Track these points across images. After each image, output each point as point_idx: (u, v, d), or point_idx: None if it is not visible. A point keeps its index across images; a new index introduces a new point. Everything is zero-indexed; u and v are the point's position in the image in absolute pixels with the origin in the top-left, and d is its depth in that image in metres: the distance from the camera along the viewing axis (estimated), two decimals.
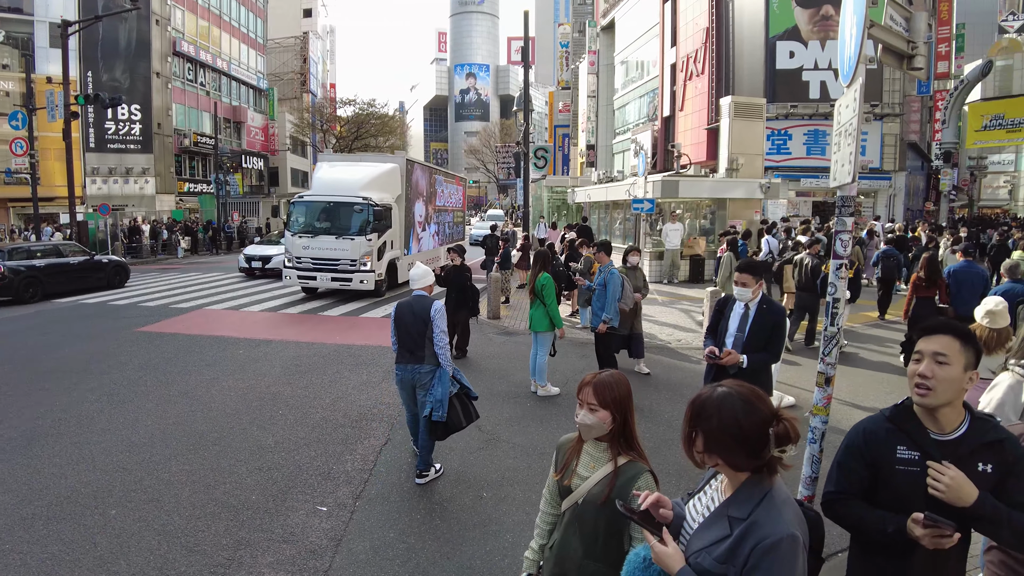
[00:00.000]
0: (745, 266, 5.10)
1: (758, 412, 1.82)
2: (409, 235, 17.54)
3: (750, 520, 1.77)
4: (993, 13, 62.37)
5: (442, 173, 22.57)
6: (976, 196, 65.12)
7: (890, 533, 2.15)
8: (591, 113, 49.17)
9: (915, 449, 2.19)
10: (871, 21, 3.47)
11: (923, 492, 2.13)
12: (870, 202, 31.10)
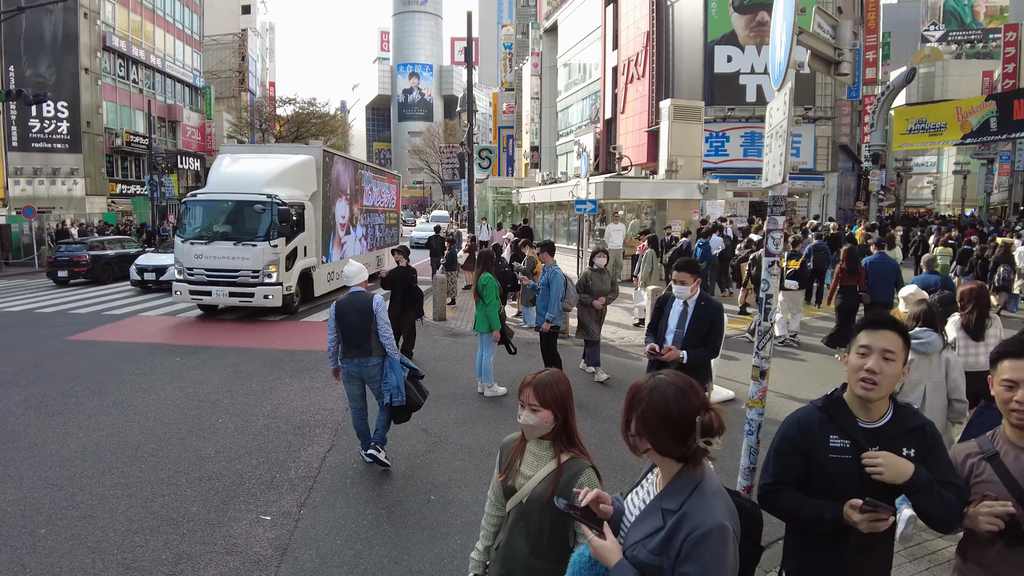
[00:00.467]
0: (683, 265, 5.24)
1: (687, 399, 1.86)
2: (329, 239, 15.46)
3: (682, 511, 1.81)
4: (916, 23, 65.54)
5: (371, 169, 20.45)
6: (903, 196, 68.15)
7: (828, 521, 2.22)
8: (535, 115, 49.47)
9: (846, 438, 2.28)
10: (800, 28, 3.60)
11: (854, 478, 2.22)
12: (804, 202, 32.17)
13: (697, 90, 30.10)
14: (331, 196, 15.45)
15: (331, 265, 15.57)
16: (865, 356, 2.25)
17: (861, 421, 2.30)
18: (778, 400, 7.59)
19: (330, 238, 15.53)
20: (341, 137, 62.25)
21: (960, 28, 64.59)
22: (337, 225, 16.04)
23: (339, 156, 16.64)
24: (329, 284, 15.56)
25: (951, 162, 64.66)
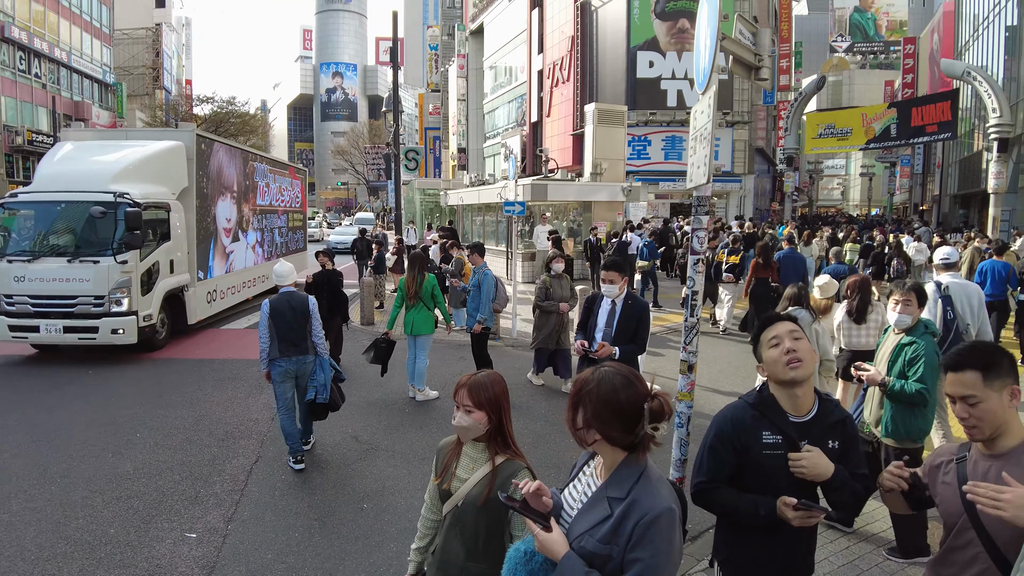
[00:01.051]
0: (611, 264, 5.45)
1: (634, 388, 1.91)
2: (208, 249, 12.22)
3: (630, 499, 1.84)
4: (825, 34, 68.90)
5: (268, 161, 16.82)
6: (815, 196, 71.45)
7: (762, 516, 2.32)
8: (461, 116, 49.38)
9: (778, 433, 2.37)
10: (723, 34, 3.73)
11: (787, 472, 2.32)
12: (723, 203, 33.25)
13: (620, 94, 30.70)
14: (210, 193, 12.28)
15: (212, 282, 12.40)
16: (778, 344, 2.38)
17: (791, 416, 2.40)
18: (703, 393, 7.85)
19: (210, 247, 12.31)
20: (262, 137, 60.54)
21: (864, 40, 68.28)
22: (220, 231, 12.82)
23: (221, 143, 13.29)
24: (211, 306, 12.42)
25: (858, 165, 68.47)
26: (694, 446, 3.78)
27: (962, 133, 34.48)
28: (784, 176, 35.23)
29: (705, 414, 7.22)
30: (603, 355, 5.14)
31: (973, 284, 6.26)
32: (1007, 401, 1.99)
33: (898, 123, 30.79)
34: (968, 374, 2.03)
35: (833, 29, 68.17)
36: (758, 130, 35.71)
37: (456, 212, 27.52)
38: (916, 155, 49.65)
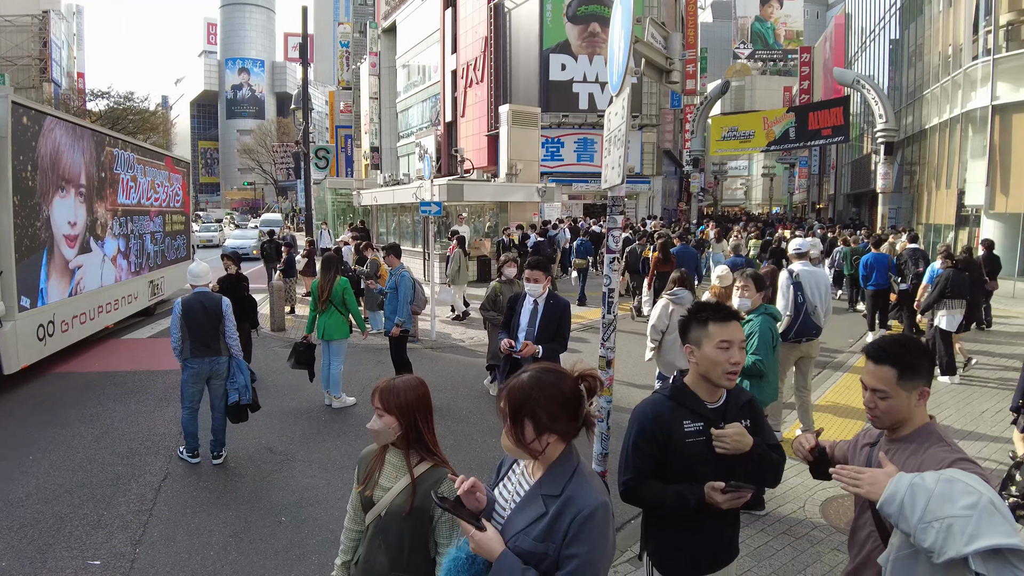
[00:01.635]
0: (536, 264, 5.54)
1: (565, 376, 1.95)
2: (39, 265, 8.84)
3: (565, 496, 1.85)
4: (728, 41, 71.81)
5: (133, 148, 12.99)
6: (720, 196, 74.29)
7: (692, 505, 2.38)
8: (374, 115, 48.65)
9: (698, 420, 2.45)
10: (636, 37, 3.81)
11: (710, 458, 2.41)
12: (633, 203, 34.12)
13: (534, 96, 31.03)
14: (41, 188, 8.94)
15: (46, 311, 9.01)
16: (727, 349, 2.43)
17: (708, 403, 2.49)
18: (620, 388, 8.02)
19: (41, 263, 8.92)
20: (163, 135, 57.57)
21: (765, 48, 71.50)
22: (59, 239, 9.47)
23: (59, 119, 9.75)
24: (44, 344, 9.01)
25: (760, 166, 71.67)
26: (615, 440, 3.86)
27: (853, 137, 36.70)
28: (691, 177, 36.51)
29: (623, 408, 7.39)
30: (527, 354, 5.24)
31: (821, 271, 6.98)
32: (915, 400, 2.10)
33: (796, 127, 32.42)
34: (885, 369, 2.10)
35: (736, 36, 71.14)
36: (666, 133, 36.86)
37: (370, 212, 27.06)
38: (813, 157, 52.54)
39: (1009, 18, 18.08)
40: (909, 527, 1.73)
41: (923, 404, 2.12)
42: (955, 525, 1.63)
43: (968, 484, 1.69)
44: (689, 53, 37.01)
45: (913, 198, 26.72)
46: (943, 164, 22.34)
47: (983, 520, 1.61)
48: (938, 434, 2.09)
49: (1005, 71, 17.77)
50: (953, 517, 1.64)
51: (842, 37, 44.14)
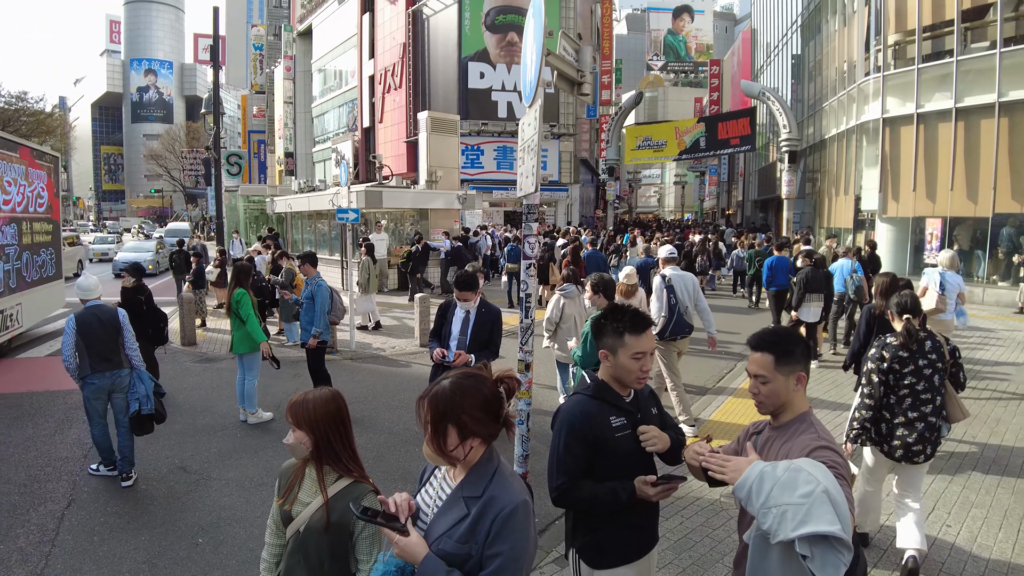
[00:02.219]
0: (463, 284, 5.50)
1: (484, 379, 2.00)
2: None
3: (486, 496, 1.88)
4: (642, 53, 74.01)
5: None
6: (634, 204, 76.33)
7: (624, 501, 2.45)
8: (288, 120, 47.55)
9: (622, 415, 2.55)
10: (548, 50, 3.90)
11: (637, 451, 2.53)
12: (552, 211, 34.60)
13: (453, 104, 31.05)
14: None
15: None
16: (640, 359, 2.52)
17: (624, 397, 2.61)
18: (540, 391, 8.14)
19: None
20: (61, 139, 54.42)
21: (676, 60, 74.08)
22: None
23: None
24: None
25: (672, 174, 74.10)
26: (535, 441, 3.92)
27: (760, 146, 38.46)
28: (607, 185, 37.37)
29: (544, 411, 7.49)
30: (460, 364, 5.23)
31: (688, 274, 7.64)
32: (792, 385, 2.27)
33: (706, 136, 33.69)
34: (764, 355, 2.28)
35: (649, 49, 73.44)
36: (582, 142, 37.58)
37: (284, 220, 26.38)
38: (722, 165, 54.69)
39: (896, 39, 19.41)
40: (754, 511, 1.87)
41: (801, 389, 2.29)
42: (788, 512, 1.76)
43: (811, 474, 1.82)
44: (604, 64, 37.97)
45: (815, 203, 28.22)
46: (841, 172, 23.74)
47: (813, 508, 1.74)
48: (810, 422, 2.26)
49: (893, 87, 19.06)
50: (788, 504, 1.78)
51: (749, 51, 46.21)
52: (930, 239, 17.63)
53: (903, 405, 4.15)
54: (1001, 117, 16.20)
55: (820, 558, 1.72)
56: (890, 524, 4.72)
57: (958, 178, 17.26)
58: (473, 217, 25.13)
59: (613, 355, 2.56)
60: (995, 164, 16.30)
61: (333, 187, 20.06)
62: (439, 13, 32.64)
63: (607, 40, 39.05)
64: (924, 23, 18.22)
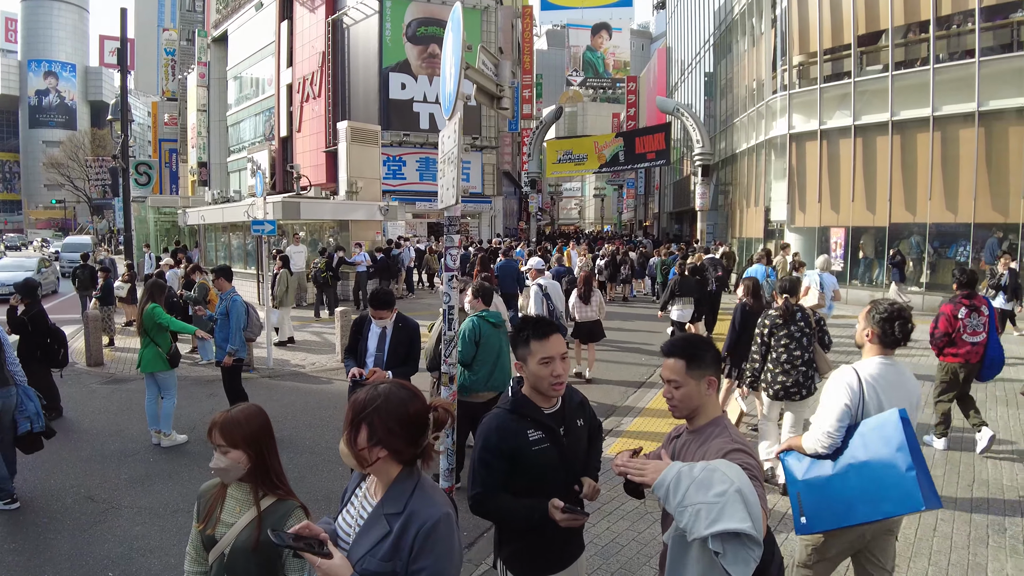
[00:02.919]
0: (377, 302, 5.30)
1: (419, 399, 1.98)
2: None
3: (407, 512, 1.87)
4: (562, 69, 75.33)
5: None
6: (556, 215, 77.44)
7: (536, 520, 2.48)
8: (202, 128, 45.98)
9: (540, 428, 2.57)
10: (467, 64, 3.93)
11: (556, 465, 2.56)
12: (475, 222, 34.70)
13: (373, 114, 30.76)
14: None
15: None
16: (548, 364, 2.55)
17: (545, 409, 2.62)
18: None
19: None
20: None
21: (595, 76, 75.82)
22: None
23: None
24: None
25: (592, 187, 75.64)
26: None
27: (675, 160, 39.77)
28: (529, 198, 37.83)
29: None
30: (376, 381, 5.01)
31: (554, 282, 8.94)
32: (704, 389, 2.37)
33: (625, 150, 34.60)
34: (676, 361, 2.37)
35: (569, 64, 74.90)
36: (504, 155, 37.88)
37: (197, 232, 25.43)
38: (639, 178, 56.17)
39: (800, 59, 20.49)
40: (671, 509, 1.96)
41: (713, 393, 2.39)
42: (703, 510, 1.85)
43: (725, 474, 1.93)
44: (525, 79, 38.44)
45: (728, 215, 29.36)
46: (752, 184, 24.81)
47: (727, 507, 1.83)
48: (723, 426, 2.36)
49: (799, 104, 20.10)
50: (703, 503, 1.86)
51: (664, 68, 47.74)
52: (835, 247, 18.62)
53: (781, 359, 5.65)
54: (894, 134, 17.34)
55: (732, 554, 1.81)
56: None
57: (858, 190, 18.35)
58: (396, 229, 24.90)
59: (525, 364, 2.61)
60: (890, 178, 17.43)
61: (249, 198, 19.49)
62: (359, 23, 32.31)
63: (528, 55, 39.57)
64: (825, 46, 19.30)
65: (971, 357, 6.42)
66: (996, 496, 5.54)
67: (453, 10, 4.01)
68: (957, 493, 5.58)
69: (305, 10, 34.69)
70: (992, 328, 6.48)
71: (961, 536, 4.83)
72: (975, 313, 6.41)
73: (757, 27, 24.05)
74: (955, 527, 4.96)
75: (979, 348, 6.41)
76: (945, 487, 5.68)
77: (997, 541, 4.76)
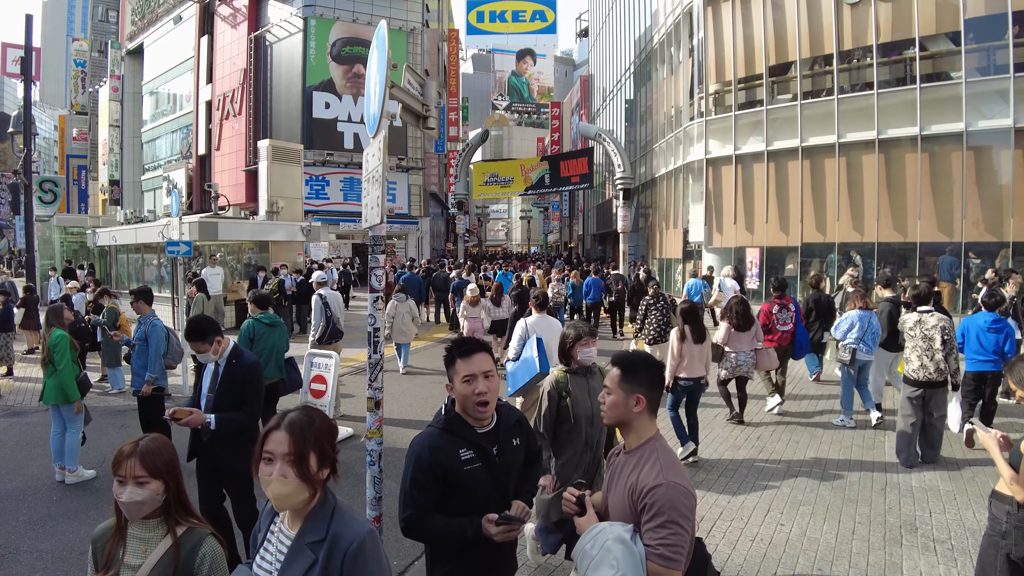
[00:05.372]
0: (190, 332, 4.58)
1: (325, 418, 2.00)
2: None
3: (330, 536, 1.85)
4: (488, 93, 75.96)
5: None
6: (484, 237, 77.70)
7: (471, 537, 2.45)
8: (115, 144, 44.11)
9: (471, 448, 2.55)
10: (392, 82, 3.91)
11: (488, 484, 2.54)
12: (403, 243, 34.41)
13: (296, 133, 30.26)
14: None
15: None
16: (471, 382, 2.53)
17: (478, 428, 2.60)
18: (395, 430, 7.90)
19: None
20: None
21: (520, 101, 76.82)
22: None
23: None
24: None
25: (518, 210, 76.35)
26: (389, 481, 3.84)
27: (598, 184, 40.66)
28: (456, 219, 37.86)
29: (401, 448, 7.27)
30: (192, 423, 4.21)
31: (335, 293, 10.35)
32: (632, 404, 2.42)
33: (550, 174, 35.11)
34: (615, 369, 2.49)
35: (495, 89, 75.64)
36: (431, 176, 37.86)
37: (108, 254, 24.25)
38: (564, 201, 57.15)
39: (716, 88, 21.37)
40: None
41: (643, 413, 2.44)
42: None
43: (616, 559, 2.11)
44: (451, 101, 38.64)
45: (648, 236, 30.19)
46: (671, 207, 25.62)
47: None
48: (654, 451, 2.40)
49: (714, 130, 20.94)
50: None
51: (586, 94, 48.88)
52: (751, 266, 19.39)
53: (653, 322, 9.83)
54: (804, 159, 18.30)
55: None
56: None
57: (772, 212, 19.22)
58: (319, 250, 24.43)
59: (452, 384, 2.60)
60: (801, 200, 18.35)
61: (164, 218, 18.73)
62: (283, 40, 31.81)
63: (454, 78, 39.82)
64: (739, 75, 20.22)
65: (783, 341, 8.94)
66: (907, 497, 5.90)
67: (378, 28, 3.99)
68: (872, 497, 5.90)
69: (227, 25, 33.90)
70: (799, 319, 9.10)
71: (877, 537, 5.09)
72: (784, 309, 8.98)
73: (675, 56, 24.96)
74: (871, 529, 5.23)
75: (788, 335, 8.96)
76: (860, 491, 6.03)
77: (910, 540, 5.04)
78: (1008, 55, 15.10)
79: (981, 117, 15.60)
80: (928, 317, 6.71)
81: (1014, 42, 15.09)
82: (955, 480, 6.30)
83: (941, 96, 16.03)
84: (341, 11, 31.69)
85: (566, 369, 4.34)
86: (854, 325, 8.03)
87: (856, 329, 8.01)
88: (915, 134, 16.27)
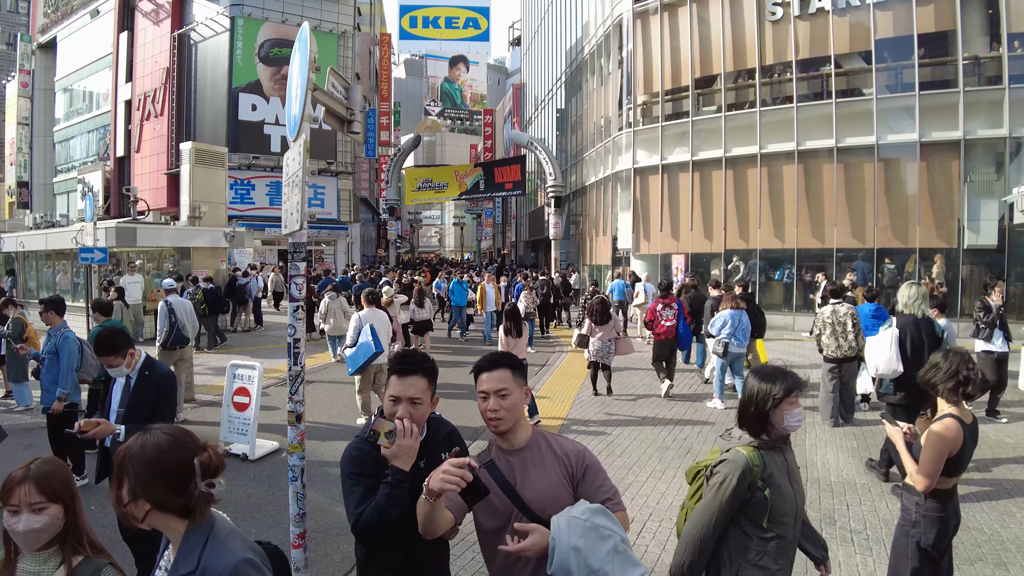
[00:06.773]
0: (99, 346, 4.44)
1: (182, 445, 1.82)
2: None
3: (201, 568, 1.75)
4: (421, 98, 75.54)
5: None
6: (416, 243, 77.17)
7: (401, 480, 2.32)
8: (23, 143, 41.85)
9: None
10: (315, 85, 3.83)
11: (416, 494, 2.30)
12: (332, 249, 33.78)
13: (221, 135, 29.36)
14: None
15: None
16: (396, 404, 2.45)
17: None
18: (320, 444, 7.68)
19: None
20: None
21: (453, 107, 76.63)
22: None
23: None
24: None
25: (451, 216, 76.16)
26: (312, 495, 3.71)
27: (530, 191, 40.96)
28: (388, 225, 37.48)
29: (323, 462, 7.13)
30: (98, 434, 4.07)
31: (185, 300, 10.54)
32: (523, 397, 2.45)
33: (484, 180, 35.22)
34: (502, 371, 2.38)
35: (427, 94, 75.24)
36: (361, 181, 37.34)
37: (15, 260, 22.95)
38: (496, 208, 57.34)
39: (644, 99, 21.88)
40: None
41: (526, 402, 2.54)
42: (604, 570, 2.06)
43: (604, 527, 2.08)
44: (383, 106, 38.26)
45: (579, 243, 30.63)
46: (600, 215, 26.08)
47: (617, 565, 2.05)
48: (547, 442, 2.42)
49: (642, 140, 21.44)
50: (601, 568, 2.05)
51: (519, 102, 49.25)
52: (676, 272, 19.88)
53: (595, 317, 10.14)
54: (727, 169, 18.94)
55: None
56: None
57: (696, 220, 19.82)
58: (243, 256, 23.77)
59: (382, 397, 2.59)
60: (724, 208, 18.99)
61: (78, 223, 17.85)
62: (208, 40, 30.85)
63: (386, 82, 39.44)
64: (666, 87, 20.77)
65: (668, 334, 10.25)
66: (826, 491, 6.16)
67: (301, 29, 3.89)
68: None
69: (148, 22, 32.64)
70: (681, 316, 10.44)
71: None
72: (668, 308, 10.31)
73: (605, 67, 25.44)
74: None
75: (672, 329, 10.23)
76: None
77: (829, 532, 5.24)
78: (914, 74, 16.10)
79: (890, 131, 16.57)
80: (840, 307, 8.27)
81: (919, 62, 16.10)
82: (870, 474, 6.61)
83: (854, 111, 16.93)
84: (270, 11, 30.97)
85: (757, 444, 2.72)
86: (727, 323, 9.31)
87: (728, 326, 9.29)
88: (831, 146, 17.12)
